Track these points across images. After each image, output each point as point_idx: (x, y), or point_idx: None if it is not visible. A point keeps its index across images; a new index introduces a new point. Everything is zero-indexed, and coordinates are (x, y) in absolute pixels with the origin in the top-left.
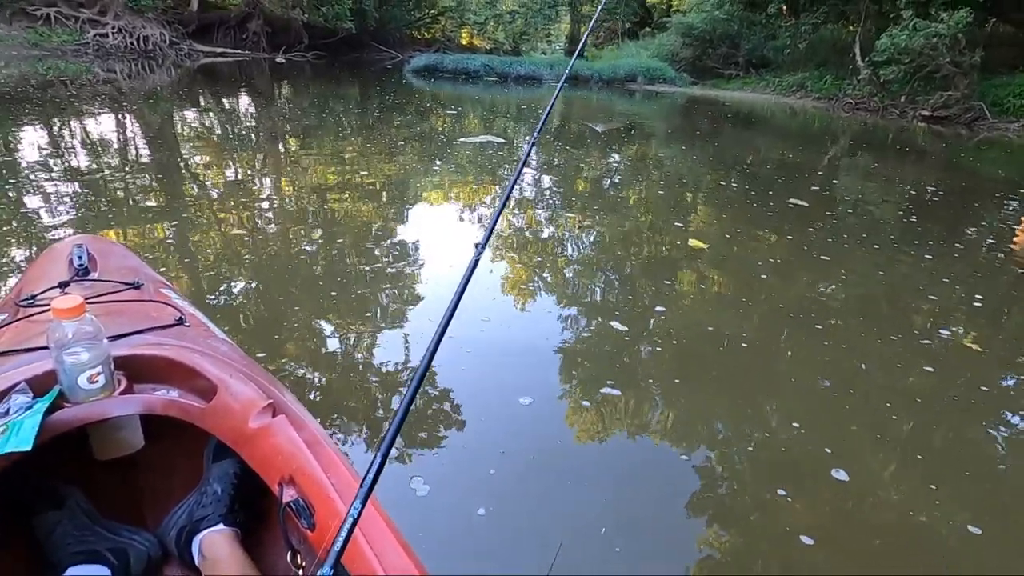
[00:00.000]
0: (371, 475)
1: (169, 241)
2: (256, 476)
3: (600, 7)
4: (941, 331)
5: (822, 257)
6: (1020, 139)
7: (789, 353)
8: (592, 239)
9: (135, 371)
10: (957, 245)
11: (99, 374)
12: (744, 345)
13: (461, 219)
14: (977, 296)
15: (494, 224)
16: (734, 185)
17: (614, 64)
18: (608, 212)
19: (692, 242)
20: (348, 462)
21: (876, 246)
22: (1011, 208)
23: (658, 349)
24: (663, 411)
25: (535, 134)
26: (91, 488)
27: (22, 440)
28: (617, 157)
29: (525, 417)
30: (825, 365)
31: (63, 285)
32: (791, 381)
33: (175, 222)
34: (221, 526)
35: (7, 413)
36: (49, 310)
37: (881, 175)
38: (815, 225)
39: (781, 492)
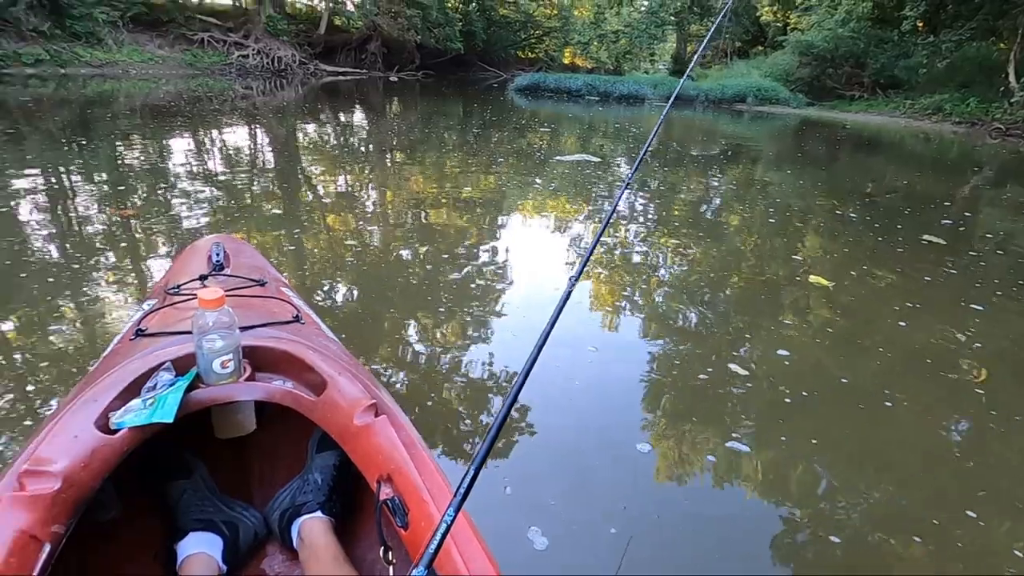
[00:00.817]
0: (464, 486)
1: (284, 242)
2: (353, 471)
3: (719, 18)
4: None
5: (972, 306)
6: None
7: (944, 422)
8: (699, 269)
9: (256, 360)
10: None
11: (230, 360)
12: (888, 404)
13: (552, 237)
14: None
15: (588, 257)
16: (852, 215)
17: (722, 84)
18: (713, 240)
19: (813, 278)
20: (440, 467)
21: None
22: None
23: (787, 401)
24: (806, 480)
25: (630, 176)
26: (211, 464)
27: (166, 413)
28: (719, 181)
29: (644, 467)
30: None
31: (202, 278)
32: (954, 455)
33: (290, 226)
34: (319, 514)
35: (155, 388)
36: (191, 299)
37: None
38: (955, 267)
39: None
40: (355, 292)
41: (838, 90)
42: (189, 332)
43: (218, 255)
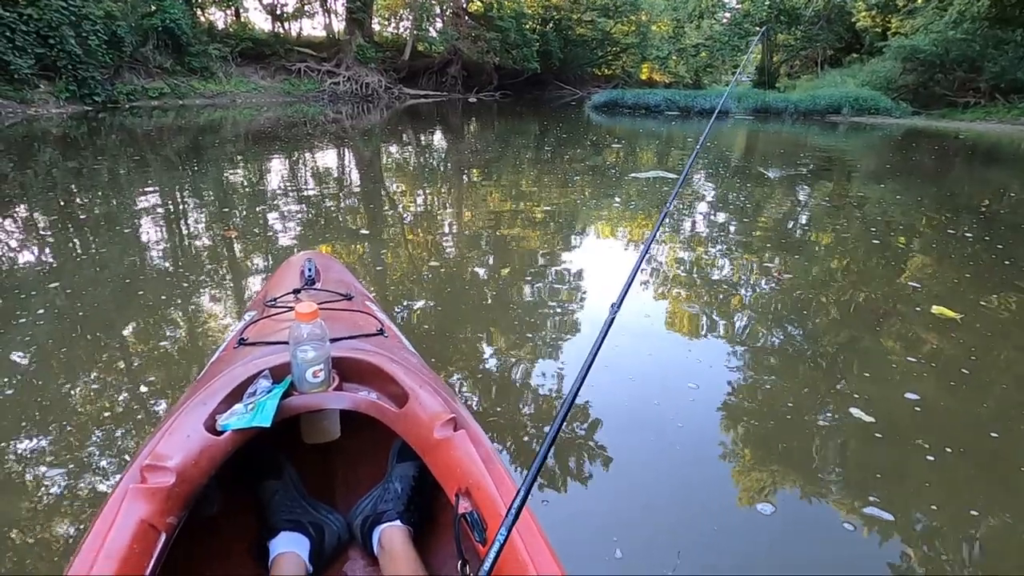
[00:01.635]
0: (521, 495)
1: (367, 258)
2: (431, 482)
3: (757, 38)
4: None
5: None
6: None
7: None
8: (798, 294)
9: (344, 371)
10: None
11: (321, 370)
12: None
13: (625, 254)
14: None
15: (631, 281)
16: (968, 235)
17: (813, 95)
18: (810, 264)
19: (936, 309)
20: (516, 483)
21: None
22: None
23: (929, 457)
24: (964, 556)
25: (667, 206)
26: (297, 467)
27: (264, 417)
28: (813, 199)
29: (770, 532)
30: None
31: (296, 292)
32: None
33: (373, 242)
34: (399, 522)
35: (255, 394)
36: (287, 311)
37: None
38: None
39: None
40: (432, 307)
41: (949, 97)
42: (285, 343)
43: (310, 270)
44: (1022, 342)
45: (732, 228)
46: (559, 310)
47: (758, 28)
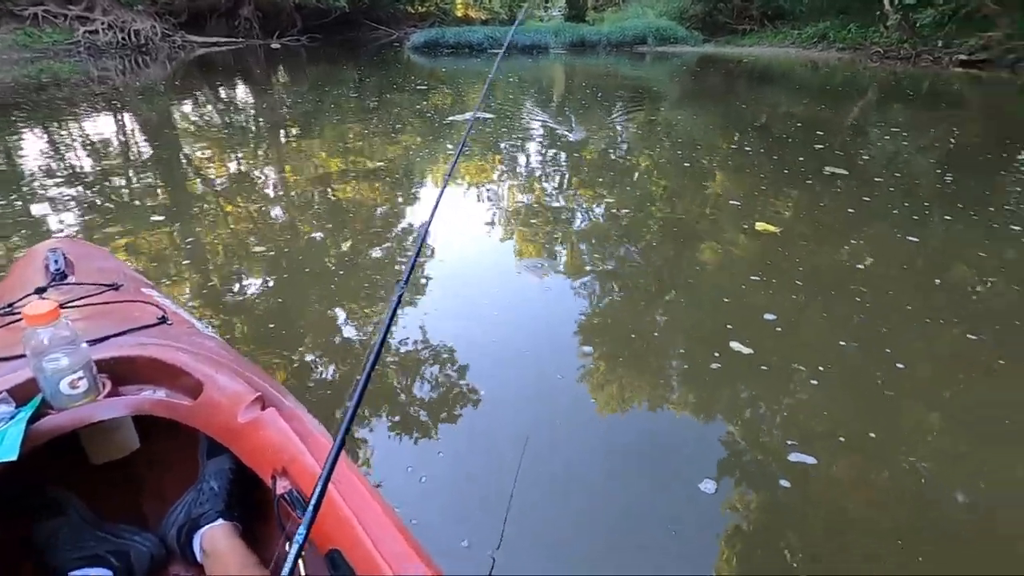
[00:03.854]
0: (332, 456)
1: (178, 239)
2: (250, 470)
3: None
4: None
5: (907, 238)
6: None
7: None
8: (626, 226)
9: (120, 373)
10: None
11: (80, 379)
12: (900, 367)
13: (468, 201)
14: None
15: (416, 257)
16: (758, 149)
17: (622, 27)
18: (634, 191)
19: (760, 225)
20: (342, 452)
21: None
22: None
23: (813, 382)
24: (897, 488)
25: (459, 150)
26: (92, 492)
27: (7, 449)
28: (630, 129)
29: (626, 436)
30: None
31: (40, 291)
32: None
33: (182, 220)
34: (220, 521)
35: None
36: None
37: (921, 129)
38: (869, 196)
39: None
40: (270, 283)
41: (730, 25)
42: (24, 355)
43: (56, 262)
44: (829, 248)
45: (563, 162)
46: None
47: None
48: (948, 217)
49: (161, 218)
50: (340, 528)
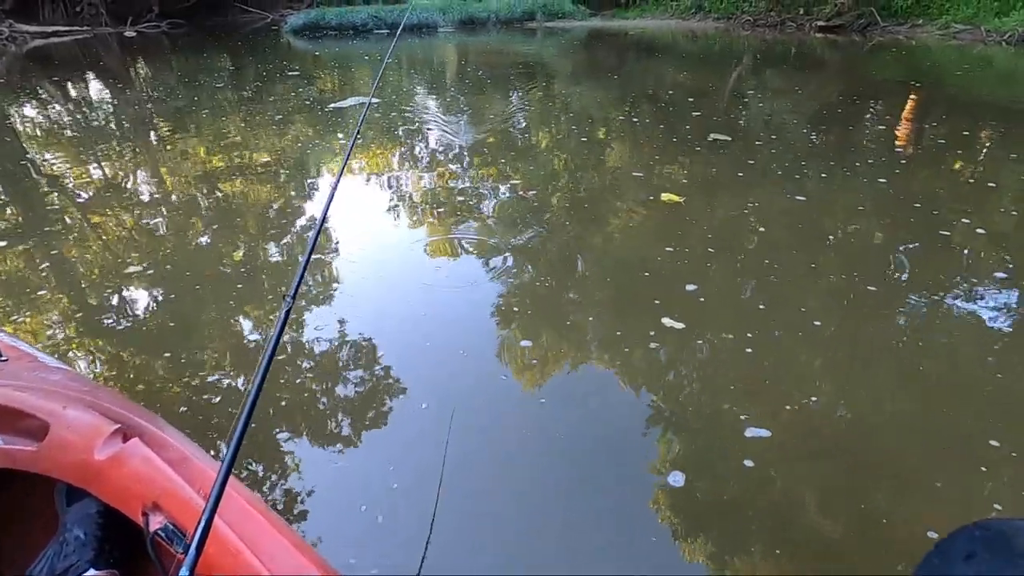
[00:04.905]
0: (225, 465)
1: (37, 259)
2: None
3: None
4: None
5: (796, 198)
6: (909, 40)
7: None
8: (538, 206)
9: None
10: (857, 164)
11: None
12: (817, 324)
13: (369, 190)
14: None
15: (305, 267)
16: (653, 121)
17: (510, 3)
18: (539, 169)
19: (665, 196)
20: (227, 474)
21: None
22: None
23: (749, 350)
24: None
25: (353, 139)
26: None
27: None
28: (526, 107)
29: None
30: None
31: None
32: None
33: (38, 238)
34: (92, 572)
35: None
36: None
37: (790, 92)
38: (754, 159)
39: None
40: (157, 297)
41: None
42: None
43: None
44: (733, 209)
45: (463, 144)
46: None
47: None
48: (824, 175)
49: (11, 240)
50: (231, 558)
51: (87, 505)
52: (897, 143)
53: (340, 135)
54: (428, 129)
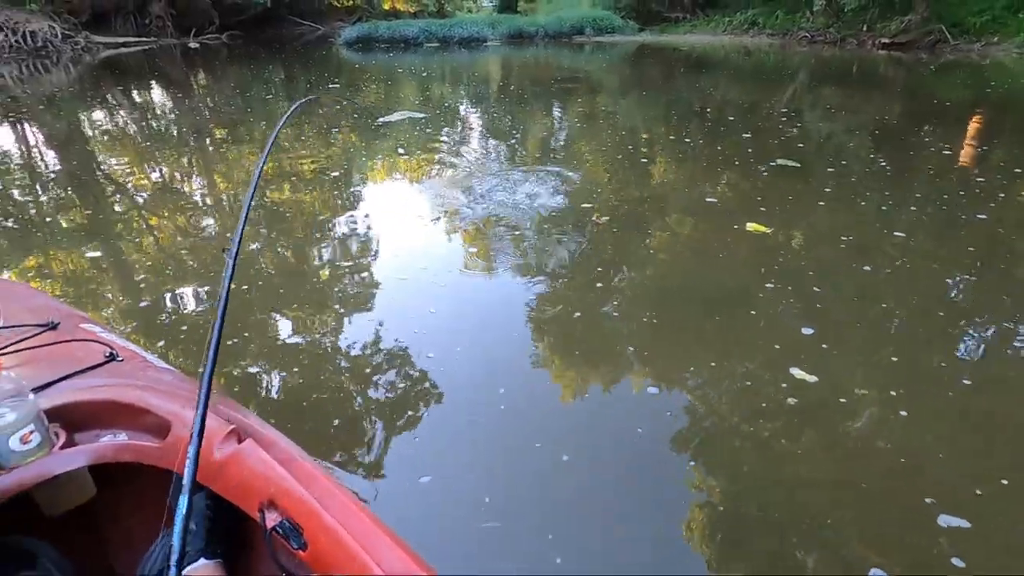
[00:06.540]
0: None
1: (102, 261)
2: (231, 504)
3: None
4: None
5: (895, 233)
6: (982, 59)
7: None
8: (616, 232)
9: (73, 420)
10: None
11: (32, 432)
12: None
13: (409, 200)
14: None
15: (244, 223)
16: (701, 142)
17: (559, 17)
18: (623, 192)
19: (751, 226)
20: (327, 473)
21: None
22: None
23: (903, 413)
24: None
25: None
26: (52, 542)
27: None
28: (575, 121)
29: (590, 415)
30: None
31: None
32: None
33: (104, 239)
34: (203, 560)
35: None
36: None
37: (855, 112)
38: (830, 187)
39: None
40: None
41: (663, 14)
42: None
43: None
44: (828, 242)
45: (505, 158)
46: (357, 271)
47: None
48: (913, 207)
49: (79, 240)
50: (345, 557)
51: (197, 498)
52: (983, 172)
53: (387, 144)
54: (470, 143)
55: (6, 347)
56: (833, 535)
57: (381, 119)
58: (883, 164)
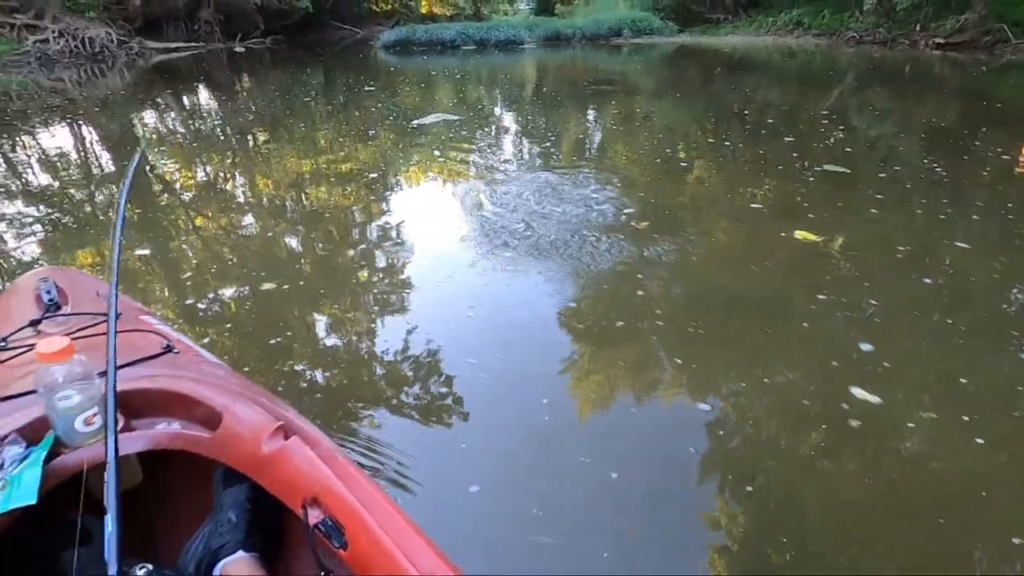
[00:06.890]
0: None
1: (148, 256)
2: (272, 499)
3: None
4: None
5: (957, 243)
6: None
7: None
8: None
9: (132, 406)
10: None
11: (95, 415)
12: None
13: (443, 200)
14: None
15: (132, 173)
16: (741, 146)
17: (596, 19)
18: (656, 195)
19: (799, 234)
20: (366, 474)
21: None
22: None
23: (979, 441)
24: None
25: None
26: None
27: (26, 494)
28: (613, 124)
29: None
30: None
31: (35, 323)
32: None
33: (153, 236)
34: (241, 553)
35: (1, 467)
36: (26, 352)
37: (907, 115)
38: (884, 194)
39: None
40: (248, 296)
41: (704, 14)
42: (32, 392)
43: (49, 292)
44: (883, 254)
45: (539, 160)
46: (391, 269)
47: None
48: (976, 217)
49: (128, 235)
50: (384, 559)
51: (238, 491)
52: None
53: (422, 140)
54: (504, 145)
55: (72, 333)
56: None
57: (416, 121)
58: (938, 170)
